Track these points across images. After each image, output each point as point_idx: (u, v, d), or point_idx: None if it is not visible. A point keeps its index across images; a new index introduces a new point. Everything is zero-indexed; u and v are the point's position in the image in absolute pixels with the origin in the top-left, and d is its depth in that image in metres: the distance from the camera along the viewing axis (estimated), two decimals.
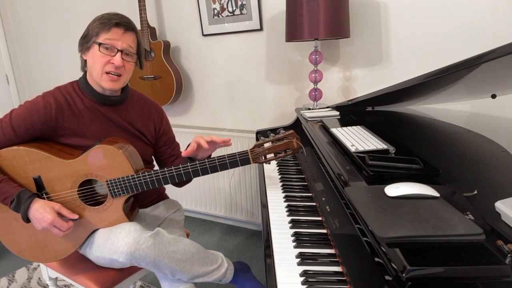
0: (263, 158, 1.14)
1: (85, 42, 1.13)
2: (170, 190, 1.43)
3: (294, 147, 1.14)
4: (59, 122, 1.13)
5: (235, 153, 1.12)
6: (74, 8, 2.68)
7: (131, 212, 1.21)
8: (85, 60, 1.17)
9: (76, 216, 1.10)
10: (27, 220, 1.06)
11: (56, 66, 2.95)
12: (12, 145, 1.09)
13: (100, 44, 1.10)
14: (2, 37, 3.03)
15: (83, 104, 1.17)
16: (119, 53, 1.12)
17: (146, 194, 1.31)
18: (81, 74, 1.21)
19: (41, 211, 1.04)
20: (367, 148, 1.05)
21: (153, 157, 1.36)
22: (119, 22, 1.11)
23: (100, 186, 1.17)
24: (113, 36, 1.11)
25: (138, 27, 2.35)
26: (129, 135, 1.24)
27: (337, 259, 0.84)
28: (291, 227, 0.99)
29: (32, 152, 1.09)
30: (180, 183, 1.34)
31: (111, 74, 1.12)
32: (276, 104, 2.14)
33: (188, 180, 1.32)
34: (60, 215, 1.07)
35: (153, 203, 1.36)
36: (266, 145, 1.14)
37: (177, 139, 1.42)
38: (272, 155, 1.14)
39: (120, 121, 1.22)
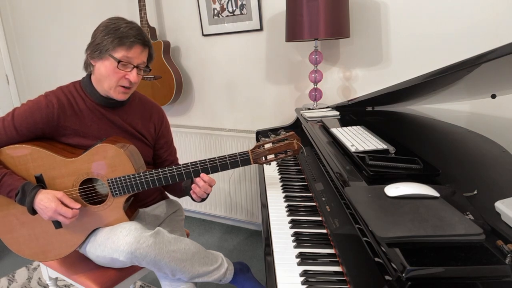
0: (264, 158, 1.14)
1: (98, 51, 1.10)
2: None
3: (294, 148, 1.14)
4: (61, 121, 1.13)
5: (236, 153, 1.12)
6: (74, 7, 2.68)
7: (131, 211, 1.21)
8: (92, 64, 1.15)
9: (78, 205, 1.08)
10: (33, 212, 1.06)
11: (56, 66, 2.95)
12: (14, 144, 1.10)
13: (119, 62, 1.08)
14: (2, 37, 3.03)
15: (85, 105, 1.17)
16: (134, 69, 1.11)
17: (146, 194, 1.31)
18: (80, 73, 1.20)
19: (45, 201, 1.04)
20: (367, 148, 1.05)
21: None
22: (139, 39, 1.10)
23: (101, 185, 1.18)
24: (132, 54, 1.09)
25: None
26: (130, 136, 1.24)
27: (337, 259, 0.84)
28: (291, 227, 0.99)
29: (34, 150, 1.09)
30: (179, 193, 1.35)
31: (124, 87, 1.13)
32: (276, 104, 2.14)
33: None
34: (63, 204, 1.07)
35: (153, 203, 1.36)
36: (267, 146, 1.14)
37: (177, 139, 1.42)
38: (273, 156, 1.14)
39: (121, 123, 1.22)
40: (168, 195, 1.45)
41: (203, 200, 1.20)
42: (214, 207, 2.42)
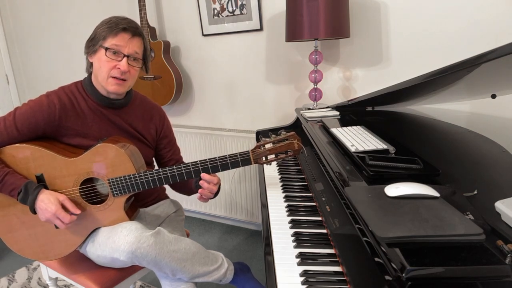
0: (264, 158, 1.14)
1: (92, 45, 1.13)
2: (170, 190, 1.43)
3: (295, 148, 1.14)
4: (62, 122, 1.13)
5: (237, 153, 1.12)
6: (74, 8, 2.68)
7: (132, 211, 1.21)
8: (91, 63, 1.17)
9: (78, 211, 1.09)
10: (34, 211, 1.06)
11: (56, 66, 2.95)
12: (15, 143, 1.10)
13: (106, 49, 1.10)
14: (2, 37, 3.03)
15: (86, 105, 1.17)
16: (125, 59, 1.12)
17: (146, 194, 1.32)
18: (81, 73, 1.21)
19: (46, 202, 1.05)
20: (367, 148, 1.05)
21: (153, 158, 1.37)
22: (126, 27, 1.11)
23: (102, 185, 1.18)
24: (119, 41, 1.10)
25: None
26: (130, 137, 1.24)
27: (337, 259, 0.84)
28: (291, 227, 0.99)
29: (35, 150, 1.09)
30: (188, 191, 1.35)
31: (117, 78, 1.13)
32: (276, 104, 2.15)
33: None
34: (64, 207, 1.07)
35: (153, 203, 1.36)
36: (268, 146, 1.14)
37: (177, 139, 1.42)
38: (273, 156, 1.15)
39: (122, 124, 1.22)
40: (168, 195, 1.45)
41: (210, 198, 1.20)
42: (214, 207, 2.42)
